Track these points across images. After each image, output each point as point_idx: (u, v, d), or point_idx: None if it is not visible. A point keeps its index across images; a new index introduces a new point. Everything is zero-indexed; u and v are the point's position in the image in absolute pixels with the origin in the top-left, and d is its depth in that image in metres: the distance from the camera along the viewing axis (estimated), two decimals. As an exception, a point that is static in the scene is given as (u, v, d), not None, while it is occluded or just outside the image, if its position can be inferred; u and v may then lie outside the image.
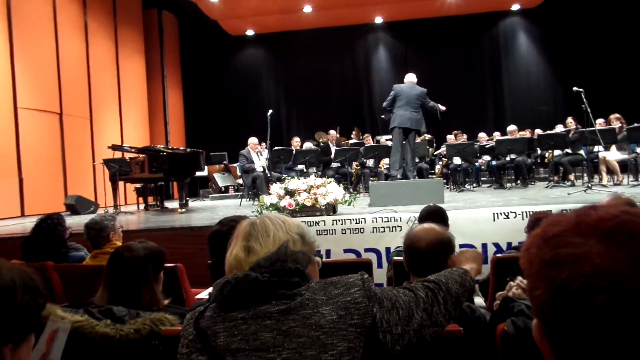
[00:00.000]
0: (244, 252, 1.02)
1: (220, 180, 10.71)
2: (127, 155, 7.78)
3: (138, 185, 8.20)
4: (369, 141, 9.47)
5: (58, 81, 8.46)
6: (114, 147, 7.54)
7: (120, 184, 7.57)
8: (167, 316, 1.41)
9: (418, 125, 6.32)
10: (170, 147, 8.81)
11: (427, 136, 9.81)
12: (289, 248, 1.01)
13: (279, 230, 1.05)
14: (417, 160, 7.91)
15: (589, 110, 5.99)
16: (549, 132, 8.20)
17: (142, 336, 1.36)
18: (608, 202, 2.61)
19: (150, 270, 1.65)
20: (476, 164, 8.72)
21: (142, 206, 8.12)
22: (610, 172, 7.21)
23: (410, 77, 6.59)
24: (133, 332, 1.36)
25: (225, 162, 11.10)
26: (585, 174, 7.26)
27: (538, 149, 8.22)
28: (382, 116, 6.83)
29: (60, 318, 1.30)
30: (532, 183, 8.40)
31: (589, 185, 6.19)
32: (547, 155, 8.35)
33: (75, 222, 4.99)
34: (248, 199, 8.23)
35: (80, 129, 9.00)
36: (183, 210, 6.72)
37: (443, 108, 6.43)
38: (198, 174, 8.01)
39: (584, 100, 5.91)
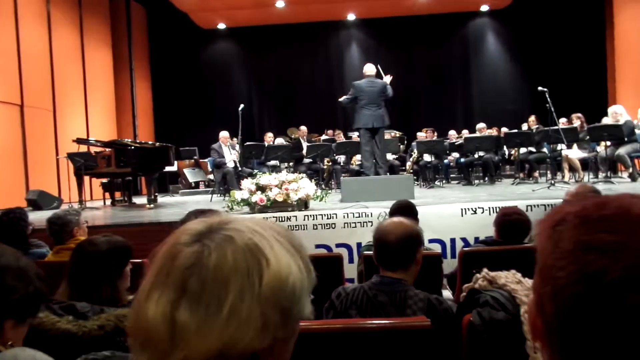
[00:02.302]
0: (169, 316, 0.55)
1: (191, 175, 10.55)
2: (93, 149, 7.56)
3: (104, 180, 7.99)
4: (340, 138, 9.51)
5: (19, 72, 8.13)
6: (79, 141, 7.31)
7: (86, 178, 7.36)
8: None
9: (382, 121, 6.14)
10: (138, 141, 8.62)
11: (398, 133, 9.92)
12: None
13: (246, 293, 0.56)
14: (388, 156, 8.00)
15: (552, 109, 6.20)
16: (515, 130, 8.43)
17: (106, 332, 1.33)
18: (576, 190, 2.71)
19: (113, 265, 1.61)
20: (445, 161, 8.88)
21: (108, 202, 7.93)
22: (572, 169, 7.47)
23: (369, 70, 6.29)
24: (96, 328, 1.32)
25: (195, 157, 10.93)
26: (549, 172, 7.50)
27: (505, 146, 8.43)
28: (341, 100, 6.53)
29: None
30: (499, 180, 8.62)
31: (552, 182, 6.41)
32: (513, 153, 8.58)
33: (38, 217, 4.82)
34: (219, 195, 8.14)
35: (42, 121, 8.68)
36: (151, 205, 6.60)
37: (390, 77, 6.23)
38: (167, 169, 7.87)
39: (548, 99, 6.10)
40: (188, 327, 0.54)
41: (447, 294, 2.77)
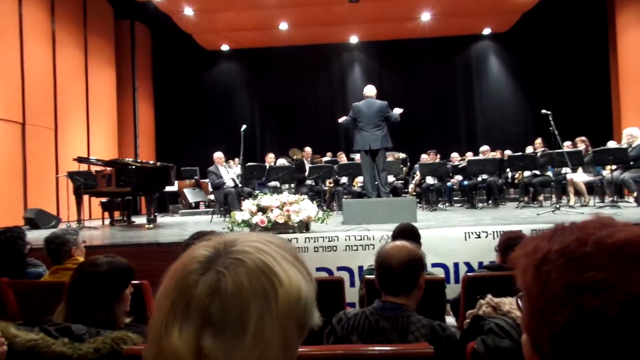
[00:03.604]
0: (195, 346, 0.56)
1: (191, 195, 10.56)
2: (94, 168, 7.60)
3: (104, 200, 8.00)
4: (342, 159, 9.54)
5: (22, 90, 8.24)
6: (80, 160, 7.35)
7: (85, 198, 7.38)
8: (129, 335, 1.36)
9: (383, 143, 6.11)
10: (139, 160, 8.66)
11: (401, 155, 9.96)
12: None
13: (265, 314, 0.57)
14: (390, 179, 8.01)
15: (556, 132, 6.22)
16: (519, 153, 8.45)
17: (102, 356, 1.31)
18: (600, 220, 2.69)
19: (112, 287, 1.60)
20: (449, 183, 8.88)
21: (107, 221, 7.92)
22: (578, 193, 7.46)
23: (369, 91, 6.32)
24: (92, 351, 1.31)
25: (196, 177, 10.96)
26: (553, 195, 7.49)
27: (508, 169, 8.45)
28: (340, 121, 6.50)
29: (13, 336, 1.24)
30: (503, 203, 8.60)
31: (557, 206, 6.39)
32: (517, 176, 8.59)
33: (35, 236, 4.81)
34: (219, 215, 8.12)
35: (43, 139, 8.75)
36: (151, 225, 6.59)
37: (400, 110, 6.22)
38: (167, 188, 7.89)
39: (552, 122, 6.13)
40: (216, 355, 0.55)
41: (450, 320, 2.74)
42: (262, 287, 0.58)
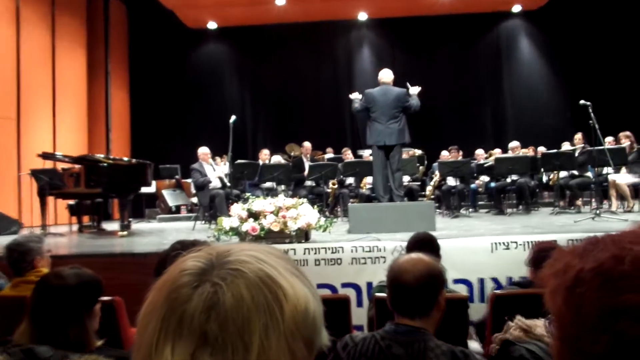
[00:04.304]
0: None
1: (171, 198, 10.57)
2: (60, 166, 7.61)
3: (71, 202, 8.02)
4: (348, 156, 9.54)
5: (-23, 75, 8.27)
6: (45, 156, 7.36)
7: (50, 199, 7.39)
8: (100, 359, 1.37)
9: (399, 138, 6.09)
10: (112, 157, 8.67)
11: (417, 152, 9.95)
12: None
13: (270, 330, 0.58)
14: (405, 180, 8.00)
15: (597, 126, 6.19)
16: (554, 150, 8.44)
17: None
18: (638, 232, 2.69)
19: (82, 303, 1.60)
20: (473, 185, 8.87)
21: (75, 227, 7.93)
22: (621, 197, 7.44)
23: (385, 76, 6.28)
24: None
25: (177, 176, 10.97)
26: (593, 199, 7.47)
27: (542, 169, 8.44)
28: (355, 107, 6.35)
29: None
30: (536, 208, 8.59)
31: (597, 212, 6.37)
32: (551, 177, 8.58)
33: (-9, 245, 4.82)
34: (203, 221, 8.12)
35: (4, 132, 8.77)
36: (124, 233, 6.60)
37: (418, 89, 6.18)
38: (144, 190, 7.90)
39: (592, 115, 6.11)
40: None
41: (474, 345, 2.73)
42: (265, 300, 0.58)
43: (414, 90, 6.21)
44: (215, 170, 8.10)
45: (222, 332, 0.56)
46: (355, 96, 6.36)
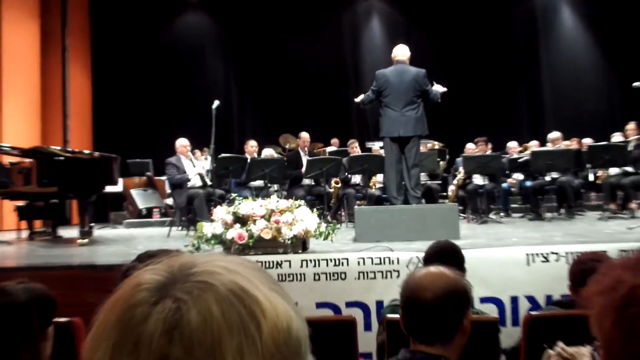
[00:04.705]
0: None
1: (141, 199, 10.57)
2: (7, 159, 7.60)
3: (20, 204, 8.01)
4: (355, 149, 9.53)
5: None
6: (-13, 148, 7.37)
7: (-6, 201, 7.41)
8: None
9: (417, 128, 6.09)
10: (70, 149, 8.66)
11: (438, 144, 9.95)
12: None
13: (246, 354, 0.57)
14: (423, 178, 7.99)
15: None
16: (603, 143, 8.42)
17: None
18: None
19: (34, 323, 1.60)
20: (504, 184, 8.86)
21: (25, 233, 7.93)
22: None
23: (400, 53, 6.29)
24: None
25: (148, 173, 10.97)
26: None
27: (588, 165, 8.41)
28: (360, 104, 6.51)
29: None
30: (581, 212, 8.58)
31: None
32: (600, 174, 8.56)
33: None
34: (180, 227, 8.11)
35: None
36: (85, 240, 6.59)
37: (443, 89, 6.23)
38: (108, 189, 7.87)
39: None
40: None
41: (506, 377, 2.74)
42: (239, 317, 0.58)
43: (439, 88, 6.23)
44: (196, 166, 8.09)
45: (188, 357, 0.55)
46: (360, 97, 6.40)
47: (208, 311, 0.57)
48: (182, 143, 8.14)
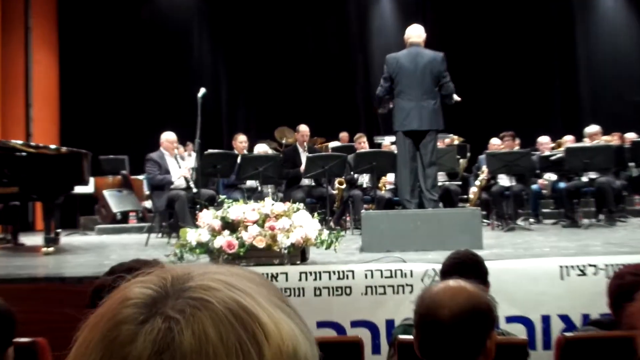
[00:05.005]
0: None
1: (115, 201, 10.57)
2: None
3: (-24, 207, 8.02)
4: (362, 145, 9.53)
5: None
6: (-62, 142, 7.37)
7: (-54, 203, 7.40)
8: None
9: (433, 121, 6.11)
10: (33, 143, 8.66)
11: (457, 139, 9.93)
12: None
13: None
14: (441, 178, 7.99)
15: None
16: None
17: None
18: None
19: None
20: (534, 185, 8.85)
21: (-19, 242, 7.94)
22: None
23: (414, 34, 6.29)
24: None
25: (124, 171, 10.97)
26: None
27: (631, 164, 8.39)
28: (380, 110, 6.65)
29: None
30: (623, 218, 8.58)
31: None
32: (645, 174, 8.56)
33: None
34: (160, 234, 8.11)
35: None
36: (50, 249, 6.59)
37: (457, 98, 6.30)
38: (78, 190, 7.87)
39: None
40: None
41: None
42: (238, 340, 0.57)
43: (455, 97, 6.24)
44: (181, 166, 7.97)
45: None
46: (379, 89, 6.37)
47: (203, 333, 0.57)
48: (168, 137, 8.05)
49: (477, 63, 12.19)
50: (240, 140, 8.87)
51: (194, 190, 7.54)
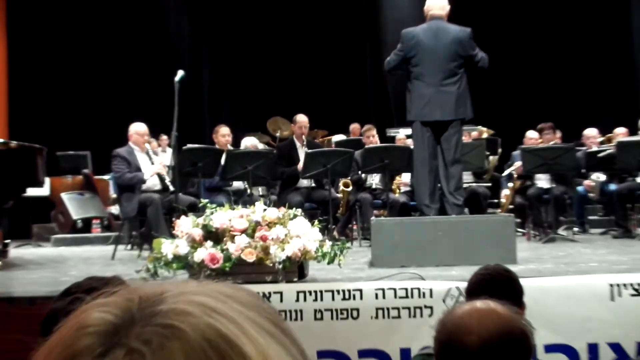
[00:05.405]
0: None
1: (76, 207, 10.57)
2: None
3: None
4: (372, 138, 9.51)
5: None
6: None
7: None
8: None
9: (459, 109, 6.13)
10: (-24, 138, 8.68)
11: (486, 132, 9.93)
12: None
13: None
14: (467, 178, 7.98)
15: None
16: None
17: None
18: None
19: None
20: (579, 188, 8.84)
21: None
22: None
23: (436, 6, 6.31)
24: None
25: (86, 170, 10.97)
26: None
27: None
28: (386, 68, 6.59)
29: None
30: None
31: None
32: None
33: None
34: (130, 246, 8.11)
35: None
36: (-2, 264, 6.61)
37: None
38: (30, 192, 7.88)
39: None
40: None
41: None
42: None
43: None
44: (154, 163, 7.95)
45: None
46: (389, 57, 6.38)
47: None
48: (137, 129, 8.01)
49: (510, 41, 12.19)
50: (223, 134, 8.78)
51: (171, 189, 7.53)
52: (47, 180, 8.99)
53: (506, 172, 9.42)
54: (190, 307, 0.60)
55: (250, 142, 9.08)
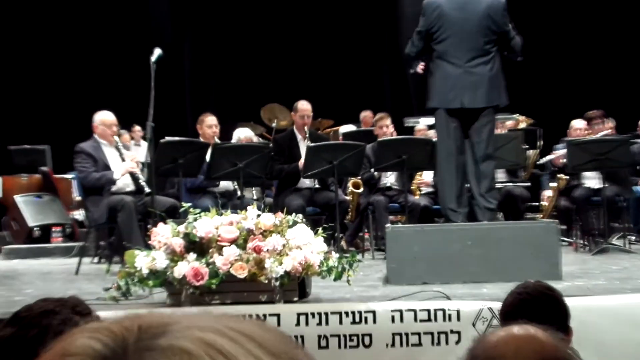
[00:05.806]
0: None
1: (33, 212, 10.60)
2: None
3: None
4: (386, 130, 9.52)
5: None
6: None
7: None
8: None
9: (491, 94, 6.15)
10: None
11: (524, 122, 9.92)
12: None
13: None
14: (501, 177, 7.98)
15: None
16: None
17: None
18: None
19: None
20: (636, 188, 8.83)
21: None
22: None
23: None
24: None
25: (44, 168, 11.00)
26: None
27: None
28: (411, 70, 6.67)
29: None
30: None
31: None
32: None
33: None
34: (97, 258, 8.11)
35: None
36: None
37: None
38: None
39: None
40: None
41: None
42: None
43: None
44: (126, 159, 7.96)
45: None
46: (408, 46, 6.43)
47: None
48: (104, 119, 7.98)
49: (551, 17, 12.20)
50: (209, 124, 8.71)
51: (147, 190, 7.50)
52: (-1, 180, 9.02)
53: (544, 160, 9.36)
54: (193, 345, 0.60)
55: (244, 135, 9.07)
